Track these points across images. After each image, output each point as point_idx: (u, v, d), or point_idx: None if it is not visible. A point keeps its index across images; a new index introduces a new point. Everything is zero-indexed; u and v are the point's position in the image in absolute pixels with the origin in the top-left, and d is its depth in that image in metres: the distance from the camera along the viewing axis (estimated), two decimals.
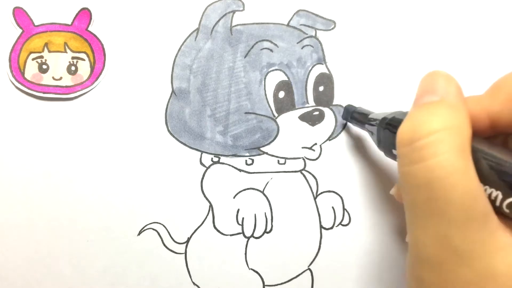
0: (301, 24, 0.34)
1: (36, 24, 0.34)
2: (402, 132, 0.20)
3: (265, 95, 0.33)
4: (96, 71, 0.33)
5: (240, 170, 0.33)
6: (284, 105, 0.33)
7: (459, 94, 0.21)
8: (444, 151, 0.18)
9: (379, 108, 0.34)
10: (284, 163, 0.34)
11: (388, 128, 0.26)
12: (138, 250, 0.33)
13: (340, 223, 0.33)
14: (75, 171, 0.33)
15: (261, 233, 0.33)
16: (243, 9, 0.34)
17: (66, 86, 0.33)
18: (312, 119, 0.33)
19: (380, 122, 0.27)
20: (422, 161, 0.19)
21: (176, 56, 0.34)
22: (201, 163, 0.33)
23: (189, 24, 0.34)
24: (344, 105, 0.33)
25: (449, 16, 0.34)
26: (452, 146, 0.18)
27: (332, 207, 0.33)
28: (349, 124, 0.34)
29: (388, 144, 0.26)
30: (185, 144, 0.33)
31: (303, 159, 0.34)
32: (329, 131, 0.34)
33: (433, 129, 0.19)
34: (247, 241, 0.33)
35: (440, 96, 0.20)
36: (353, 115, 0.32)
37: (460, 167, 0.18)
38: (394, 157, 0.26)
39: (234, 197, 0.33)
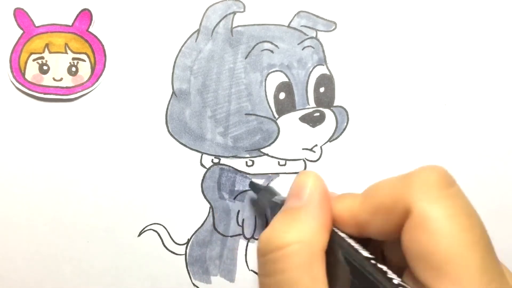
0: (301, 25, 0.34)
1: (36, 25, 0.34)
2: (260, 241, 0.20)
3: (266, 96, 0.33)
4: (96, 72, 0.33)
5: (240, 172, 0.33)
6: (284, 106, 0.33)
7: (322, 199, 0.21)
8: (291, 268, 0.19)
9: (379, 109, 0.34)
10: (285, 165, 0.33)
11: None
12: (138, 251, 0.33)
13: None
14: (75, 172, 0.33)
15: None
16: (244, 10, 0.34)
17: (67, 87, 0.33)
18: (313, 120, 0.33)
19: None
20: (272, 275, 0.19)
21: (176, 57, 0.34)
22: (202, 164, 0.33)
23: (190, 25, 0.34)
24: (344, 107, 0.33)
25: (449, 16, 0.34)
26: (300, 262, 0.19)
27: None
28: (350, 125, 0.34)
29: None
30: (185, 145, 0.33)
31: (304, 160, 0.34)
32: (329, 132, 0.34)
33: (285, 242, 0.19)
34: (247, 243, 0.33)
35: (304, 201, 0.21)
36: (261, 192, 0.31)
37: (305, 284, 0.18)
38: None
39: (234, 198, 0.33)
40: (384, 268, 0.18)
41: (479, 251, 0.17)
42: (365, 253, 0.19)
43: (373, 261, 0.18)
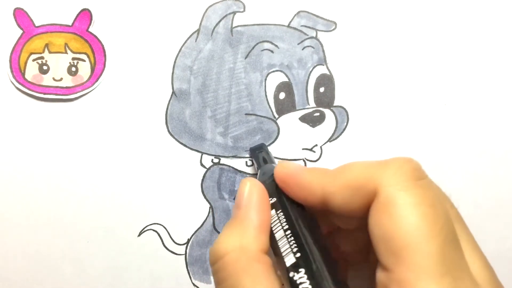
0: (301, 25, 0.34)
1: (36, 25, 0.34)
2: (209, 253, 0.22)
3: (266, 96, 0.33)
4: (96, 72, 0.33)
5: (240, 171, 0.33)
6: (284, 106, 0.33)
7: (258, 204, 0.22)
8: (232, 274, 0.20)
9: (379, 109, 0.34)
10: None
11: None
12: (138, 251, 0.33)
13: None
14: (75, 172, 0.33)
15: None
16: (244, 10, 0.34)
17: (67, 87, 0.33)
18: (313, 120, 0.33)
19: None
20: (220, 284, 0.21)
21: (176, 57, 0.34)
22: (202, 164, 0.33)
23: (190, 25, 0.34)
24: (344, 107, 0.33)
25: (449, 16, 0.34)
26: (238, 268, 0.20)
27: None
28: (350, 125, 0.34)
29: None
30: (185, 145, 0.33)
31: (304, 160, 0.34)
32: (329, 132, 0.34)
33: (224, 251, 0.21)
34: None
35: (241, 210, 0.22)
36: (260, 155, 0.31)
37: (247, 286, 0.20)
38: None
39: (234, 198, 0.33)
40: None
41: (438, 241, 0.17)
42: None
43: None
